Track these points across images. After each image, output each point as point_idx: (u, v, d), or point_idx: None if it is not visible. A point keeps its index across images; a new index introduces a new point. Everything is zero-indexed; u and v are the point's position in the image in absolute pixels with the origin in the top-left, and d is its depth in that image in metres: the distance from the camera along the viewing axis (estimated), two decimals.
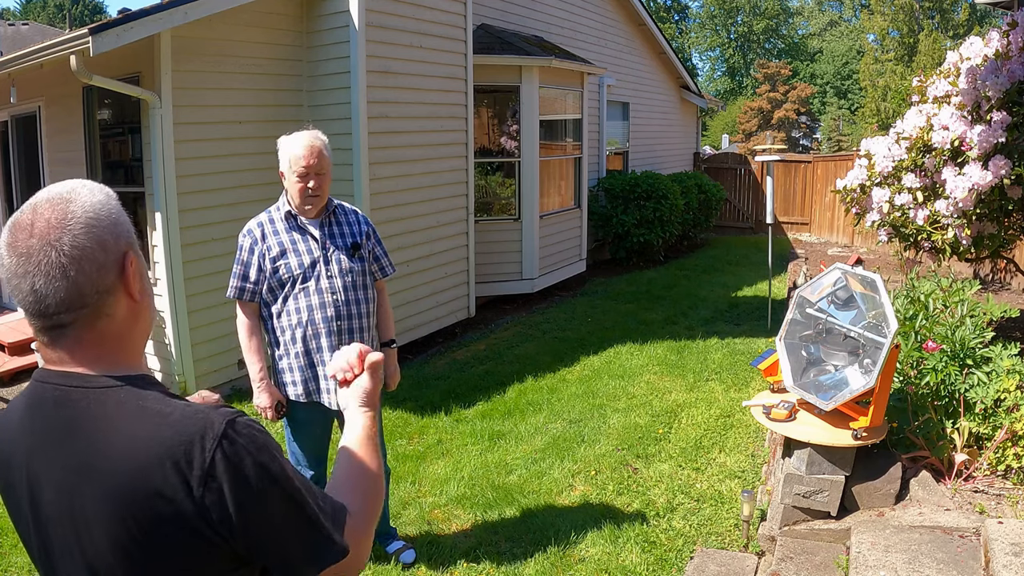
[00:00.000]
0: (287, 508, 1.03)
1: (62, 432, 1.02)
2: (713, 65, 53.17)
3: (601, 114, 10.96)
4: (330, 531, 1.07)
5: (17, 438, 1.07)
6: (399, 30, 6.13)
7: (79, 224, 1.01)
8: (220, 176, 5.30)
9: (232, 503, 0.98)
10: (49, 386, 1.05)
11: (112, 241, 1.05)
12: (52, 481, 1.03)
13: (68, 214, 1.02)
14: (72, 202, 1.03)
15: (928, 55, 28.37)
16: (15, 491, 1.09)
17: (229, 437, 0.99)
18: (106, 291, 1.04)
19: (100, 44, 4.29)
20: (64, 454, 1.01)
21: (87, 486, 0.99)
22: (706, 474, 4.17)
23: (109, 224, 1.05)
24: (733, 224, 15.18)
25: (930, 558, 2.60)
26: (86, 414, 1.01)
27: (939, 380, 3.39)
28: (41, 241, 1.00)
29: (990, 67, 4.08)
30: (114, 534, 0.98)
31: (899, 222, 4.58)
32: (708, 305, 8.41)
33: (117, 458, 0.98)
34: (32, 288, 1.00)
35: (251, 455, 1.00)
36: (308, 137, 2.85)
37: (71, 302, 1.01)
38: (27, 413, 1.07)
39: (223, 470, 0.98)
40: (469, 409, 5.24)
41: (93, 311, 1.03)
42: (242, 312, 2.93)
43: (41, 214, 1.02)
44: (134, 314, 1.09)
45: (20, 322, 6.85)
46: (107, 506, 0.98)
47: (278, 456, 1.05)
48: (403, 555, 3.33)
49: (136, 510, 0.97)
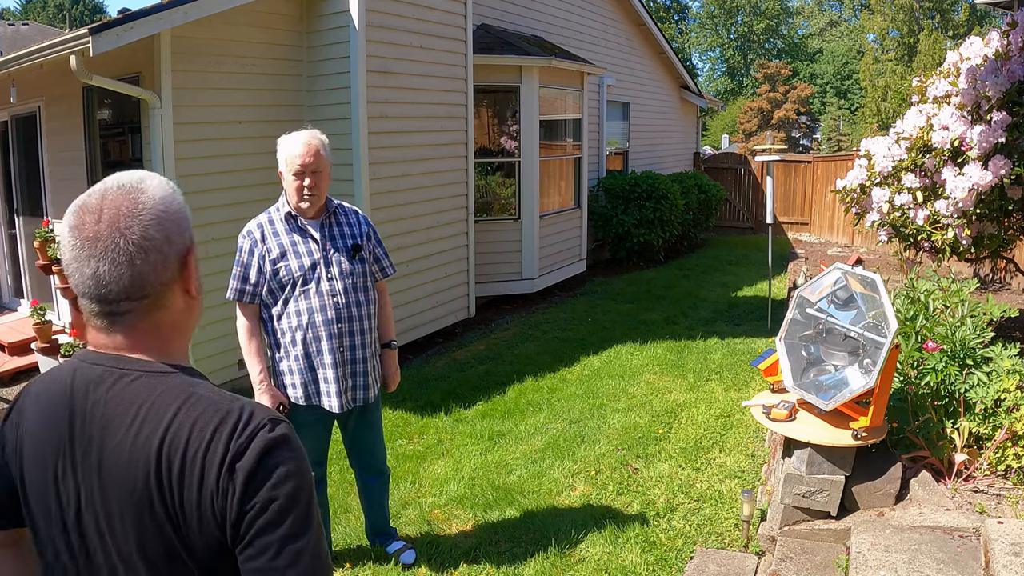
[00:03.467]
0: (296, 520, 1.01)
1: (108, 416, 1.02)
2: (713, 65, 53.19)
3: (601, 114, 10.96)
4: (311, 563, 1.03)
5: (58, 422, 1.06)
6: (399, 30, 6.13)
7: (150, 215, 1.03)
8: (220, 176, 5.30)
9: (248, 489, 0.99)
10: (100, 368, 1.05)
11: (177, 235, 1.06)
12: (93, 462, 1.03)
13: (140, 204, 1.03)
14: (144, 192, 1.04)
15: (928, 55, 28.37)
16: (44, 472, 1.07)
17: (268, 430, 1.02)
18: (167, 283, 1.05)
19: (100, 44, 4.28)
20: (108, 434, 1.02)
21: (128, 469, 1.00)
22: (706, 474, 4.17)
23: (178, 218, 1.07)
24: (733, 224, 15.18)
25: (930, 558, 2.60)
26: (135, 398, 1.02)
27: (939, 380, 3.39)
28: (110, 228, 1.01)
29: (990, 67, 4.08)
30: (152, 520, 0.99)
31: (899, 222, 4.58)
32: (708, 305, 8.41)
33: (158, 440, 0.99)
34: (95, 273, 1.01)
35: (284, 454, 1.02)
36: (306, 136, 2.85)
37: (133, 291, 1.02)
38: (72, 394, 1.06)
39: (252, 458, 0.99)
40: (469, 409, 5.24)
41: (153, 302, 1.05)
42: (242, 314, 2.92)
43: (112, 201, 1.03)
44: (189, 308, 1.11)
45: (20, 322, 6.85)
46: (145, 492, 0.99)
47: (303, 462, 1.05)
48: (403, 555, 3.32)
49: (176, 494, 0.98)
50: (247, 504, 0.99)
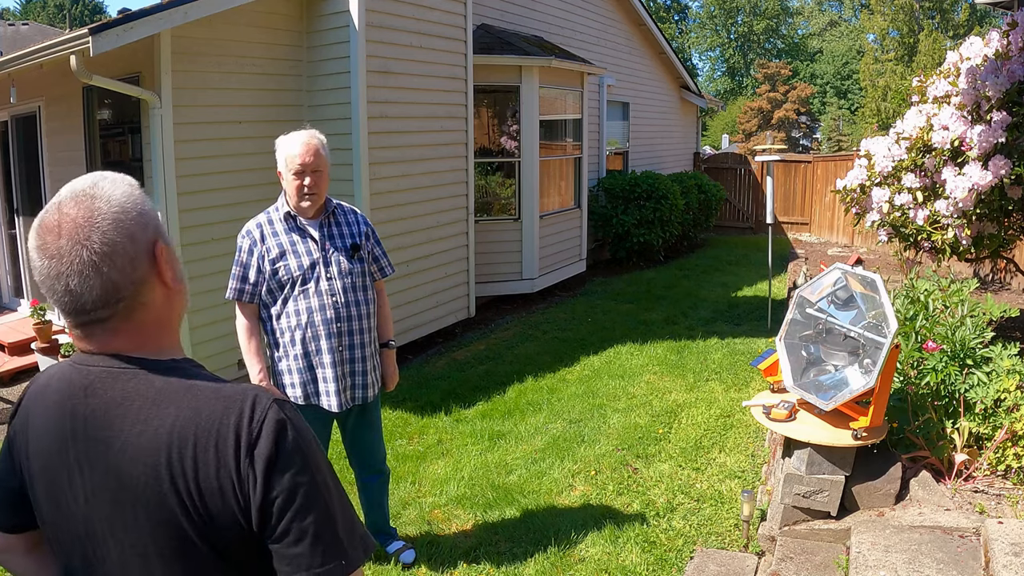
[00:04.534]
0: (316, 493, 1.03)
1: (108, 415, 1.03)
2: (713, 65, 53.19)
3: (601, 114, 10.96)
4: (346, 539, 1.05)
5: (59, 425, 1.07)
6: (399, 30, 6.13)
7: (106, 220, 1.02)
8: (220, 176, 5.30)
9: (271, 476, 0.99)
10: (96, 368, 1.05)
11: (140, 232, 1.05)
12: (96, 465, 1.03)
13: (94, 211, 1.02)
14: (96, 198, 1.03)
15: (928, 55, 28.38)
16: (52, 473, 1.08)
17: (277, 412, 1.03)
18: (140, 282, 1.05)
19: (100, 44, 4.28)
20: (109, 436, 1.02)
21: (135, 466, 1.00)
22: (706, 474, 4.17)
23: (136, 215, 1.05)
24: (733, 224, 15.18)
25: (930, 558, 2.60)
26: (135, 394, 1.03)
27: (939, 380, 3.39)
28: (70, 241, 1.00)
29: (990, 67, 4.08)
30: (163, 512, 0.99)
31: (899, 222, 4.58)
32: (708, 305, 8.41)
33: (166, 434, 0.99)
34: (67, 288, 1.01)
35: (295, 434, 1.03)
36: (305, 135, 2.85)
37: (107, 298, 1.02)
38: (68, 396, 1.06)
39: (268, 443, 1.00)
40: (469, 409, 5.24)
41: (129, 303, 1.04)
42: (241, 313, 2.92)
43: (67, 213, 1.02)
44: (169, 300, 1.11)
45: (20, 322, 6.85)
46: (155, 484, 0.99)
47: (315, 446, 1.07)
48: (403, 555, 3.32)
49: (184, 484, 0.98)
50: (271, 492, 1.00)
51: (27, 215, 7.12)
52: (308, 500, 1.02)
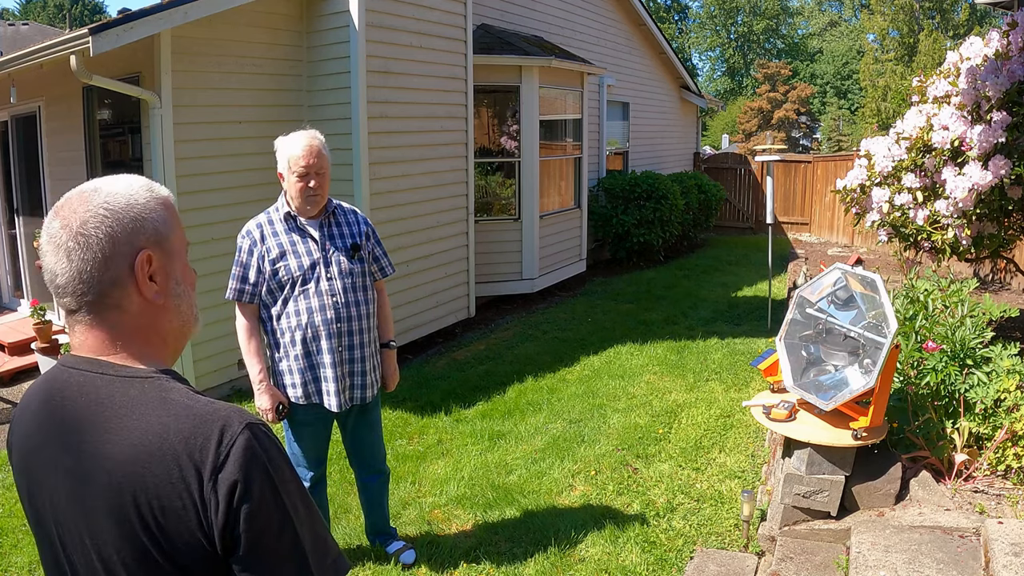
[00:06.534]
0: (284, 520, 1.01)
1: (80, 419, 1.02)
2: (713, 65, 53.19)
3: (601, 114, 10.96)
4: (315, 565, 1.03)
5: (40, 426, 1.07)
6: (399, 30, 6.13)
7: (90, 213, 1.03)
8: (220, 176, 5.30)
9: (233, 502, 0.97)
10: (75, 371, 1.06)
11: (125, 236, 1.05)
12: (66, 468, 1.03)
13: (89, 202, 1.05)
14: (98, 191, 1.06)
15: (928, 55, 28.38)
16: (32, 474, 1.08)
17: (247, 437, 1.00)
18: (111, 283, 1.04)
19: (100, 44, 4.28)
20: (80, 440, 1.01)
21: (101, 475, 0.99)
22: (706, 474, 4.17)
23: (127, 219, 1.05)
24: (733, 224, 15.18)
25: (930, 558, 2.60)
26: (108, 401, 1.02)
27: (939, 380, 3.39)
28: (61, 223, 1.04)
29: (990, 67, 4.08)
30: (124, 524, 0.98)
31: (899, 222, 4.58)
32: (708, 305, 8.41)
33: (132, 446, 0.98)
34: (47, 265, 1.05)
35: (264, 459, 1.00)
36: (306, 137, 2.85)
37: (73, 287, 1.04)
38: (48, 398, 1.07)
39: (234, 469, 0.97)
40: (469, 409, 5.24)
41: (98, 300, 1.04)
42: (241, 314, 2.92)
43: (70, 199, 1.06)
44: (151, 312, 1.09)
45: (20, 322, 6.85)
46: (117, 496, 0.98)
47: (287, 469, 1.05)
48: (403, 555, 3.32)
49: (146, 499, 0.97)
50: (234, 517, 0.97)
51: (27, 215, 7.12)
52: (273, 526, 0.99)
